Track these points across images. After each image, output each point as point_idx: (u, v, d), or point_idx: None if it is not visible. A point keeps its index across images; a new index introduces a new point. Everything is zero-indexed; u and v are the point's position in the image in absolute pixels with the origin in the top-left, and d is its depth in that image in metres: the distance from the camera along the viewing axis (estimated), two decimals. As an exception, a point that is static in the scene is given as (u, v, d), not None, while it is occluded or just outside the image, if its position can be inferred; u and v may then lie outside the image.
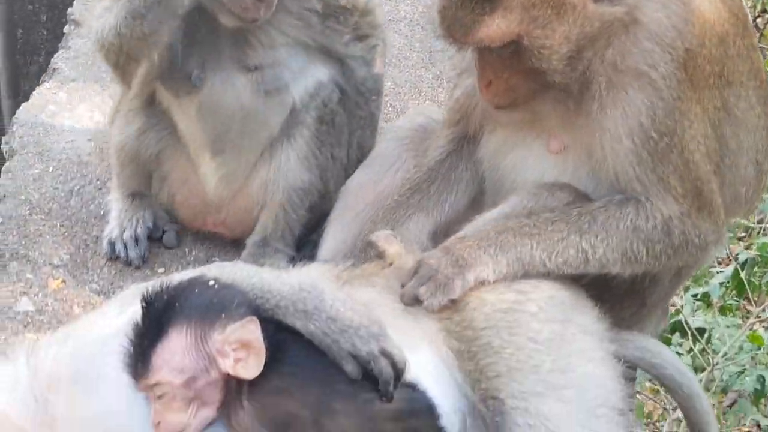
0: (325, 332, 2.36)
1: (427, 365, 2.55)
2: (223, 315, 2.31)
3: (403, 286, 2.64)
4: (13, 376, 2.48)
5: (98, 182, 4.11)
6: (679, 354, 5.08)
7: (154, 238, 3.74)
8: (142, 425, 2.35)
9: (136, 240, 3.63)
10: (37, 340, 2.55)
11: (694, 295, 5.64)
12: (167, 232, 3.74)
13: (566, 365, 2.50)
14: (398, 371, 2.37)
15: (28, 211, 3.84)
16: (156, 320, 2.33)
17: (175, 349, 2.29)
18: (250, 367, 2.29)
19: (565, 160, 2.85)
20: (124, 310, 2.53)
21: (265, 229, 3.57)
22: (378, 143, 3.57)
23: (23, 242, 3.64)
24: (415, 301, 2.59)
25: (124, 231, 3.63)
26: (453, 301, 2.59)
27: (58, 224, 3.76)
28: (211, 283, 2.39)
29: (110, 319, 2.53)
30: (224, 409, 2.34)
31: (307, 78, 3.49)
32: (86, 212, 3.86)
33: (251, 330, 2.28)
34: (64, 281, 3.44)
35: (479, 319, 2.54)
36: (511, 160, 2.96)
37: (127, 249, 3.60)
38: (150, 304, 2.36)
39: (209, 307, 2.32)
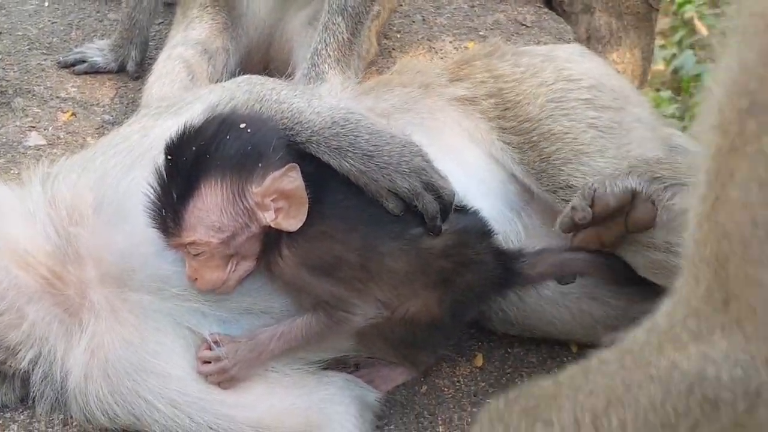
0: (362, 171, 2.12)
1: (477, 167, 2.45)
2: (260, 164, 2.03)
3: None
4: (29, 206, 2.25)
5: (98, 14, 3.89)
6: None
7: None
8: (176, 268, 2.13)
9: None
10: (52, 165, 2.29)
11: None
12: None
13: (626, 153, 2.45)
14: (445, 204, 2.17)
15: (27, 47, 3.62)
16: (185, 174, 2.03)
17: (210, 207, 2.01)
18: (293, 218, 2.04)
19: None
20: (146, 133, 2.28)
21: None
22: None
23: (26, 78, 3.42)
24: None
25: None
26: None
27: (61, 58, 3.51)
28: (243, 125, 2.09)
29: (133, 142, 2.28)
30: (264, 258, 2.12)
31: None
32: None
33: (292, 179, 2.02)
34: (74, 114, 3.20)
35: (534, 111, 2.48)
36: None
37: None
38: (176, 156, 2.06)
39: (244, 156, 2.03)
